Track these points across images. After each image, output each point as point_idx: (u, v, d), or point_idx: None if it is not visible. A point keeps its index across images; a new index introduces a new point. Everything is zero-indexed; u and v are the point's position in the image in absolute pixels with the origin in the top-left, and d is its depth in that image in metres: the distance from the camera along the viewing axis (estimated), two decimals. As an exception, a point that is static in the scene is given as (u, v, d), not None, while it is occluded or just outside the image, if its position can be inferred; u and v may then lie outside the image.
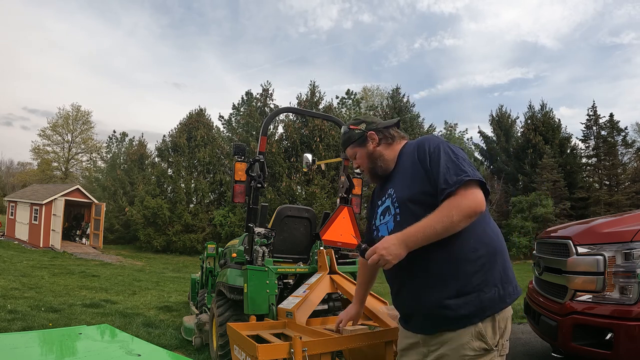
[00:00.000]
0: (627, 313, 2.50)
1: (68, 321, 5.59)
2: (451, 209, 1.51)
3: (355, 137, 1.91)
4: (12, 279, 9.25)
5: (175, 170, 23.76)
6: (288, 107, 13.90)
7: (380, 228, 1.84)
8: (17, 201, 22.40)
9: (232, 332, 2.43)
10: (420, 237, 1.52)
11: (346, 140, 1.95)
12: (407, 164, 1.76)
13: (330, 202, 19.13)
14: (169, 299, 8.27)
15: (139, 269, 14.69)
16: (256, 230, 3.73)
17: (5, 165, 58.16)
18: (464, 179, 1.53)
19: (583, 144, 24.37)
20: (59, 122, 38.47)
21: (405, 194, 1.69)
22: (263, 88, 25.91)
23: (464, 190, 1.53)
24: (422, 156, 1.68)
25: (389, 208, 1.78)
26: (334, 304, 3.64)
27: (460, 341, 1.55)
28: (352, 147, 1.93)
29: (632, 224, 2.79)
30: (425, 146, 1.69)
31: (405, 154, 1.82)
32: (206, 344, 4.47)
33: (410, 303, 1.72)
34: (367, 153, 1.88)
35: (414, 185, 1.67)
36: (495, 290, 1.57)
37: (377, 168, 1.87)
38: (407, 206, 1.67)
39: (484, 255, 1.59)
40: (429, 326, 1.65)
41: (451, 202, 1.53)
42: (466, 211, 1.50)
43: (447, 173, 1.57)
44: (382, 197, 1.87)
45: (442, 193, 1.55)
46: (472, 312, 1.54)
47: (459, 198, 1.52)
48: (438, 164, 1.60)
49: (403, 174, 1.76)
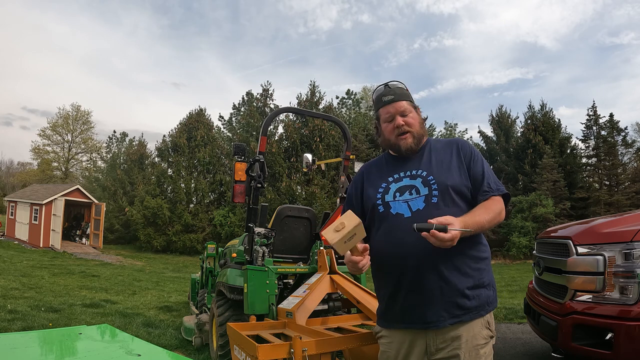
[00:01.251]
0: (627, 313, 2.50)
1: (68, 321, 5.59)
2: (497, 212, 1.69)
3: (411, 98, 1.87)
4: (12, 279, 9.25)
5: (175, 170, 23.76)
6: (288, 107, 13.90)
7: (393, 204, 1.73)
8: (17, 201, 22.41)
9: (232, 332, 2.43)
10: (474, 226, 1.59)
11: (406, 95, 1.84)
12: (446, 155, 1.81)
13: (330, 202, 19.13)
14: (169, 299, 8.27)
15: (139, 269, 14.69)
16: (256, 230, 3.73)
17: (5, 165, 58.21)
18: (503, 191, 1.75)
19: (583, 144, 24.35)
20: (59, 122, 38.52)
21: (448, 181, 1.72)
22: (263, 88, 25.94)
23: (501, 200, 1.74)
24: (467, 154, 1.80)
25: (415, 187, 1.73)
26: (334, 304, 3.63)
27: (474, 331, 1.65)
28: (409, 104, 1.83)
29: (632, 224, 2.79)
30: (468, 146, 1.83)
31: (435, 146, 1.86)
32: (206, 344, 4.47)
33: (431, 293, 1.63)
34: (421, 120, 1.86)
35: (456, 175, 1.75)
36: (492, 289, 1.75)
37: (422, 139, 1.84)
38: (450, 193, 1.70)
39: (488, 258, 1.77)
40: (446, 317, 1.62)
41: (497, 207, 1.70)
42: (502, 218, 1.72)
43: (490, 178, 1.75)
44: (395, 175, 1.81)
45: (484, 193, 1.72)
46: (481, 305, 1.67)
47: (501, 206, 1.72)
48: (482, 167, 1.77)
49: (441, 162, 1.78)
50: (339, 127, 4.69)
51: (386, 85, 1.87)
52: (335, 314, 3.55)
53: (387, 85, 1.87)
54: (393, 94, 1.82)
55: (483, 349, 1.65)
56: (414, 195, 1.71)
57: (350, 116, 28.33)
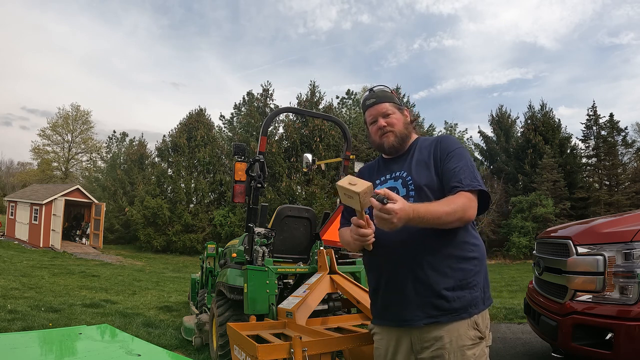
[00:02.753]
0: (627, 313, 2.50)
1: (68, 321, 5.59)
2: (460, 205, 1.60)
3: (396, 101, 1.89)
4: (12, 279, 9.25)
5: (175, 170, 23.76)
6: (288, 107, 13.90)
7: None
8: (17, 201, 22.41)
9: (232, 332, 2.43)
10: (425, 218, 1.53)
11: (389, 97, 1.89)
12: (425, 154, 1.80)
13: (330, 202, 19.13)
14: (169, 299, 8.27)
15: (139, 269, 14.69)
16: (256, 230, 3.73)
17: (5, 165, 58.20)
18: (477, 187, 1.65)
19: (583, 144, 24.38)
20: (59, 122, 38.50)
21: (423, 180, 1.73)
22: (263, 88, 25.97)
23: (471, 196, 1.64)
24: (442, 151, 1.76)
25: (396, 189, 1.77)
26: (334, 304, 3.63)
27: (458, 332, 1.61)
28: (392, 105, 1.87)
29: (632, 224, 2.79)
30: (447, 143, 1.79)
31: (422, 145, 1.86)
32: (206, 344, 4.47)
33: (405, 292, 1.66)
34: (405, 121, 1.88)
35: (430, 174, 1.74)
36: (481, 291, 1.68)
37: (406, 139, 1.87)
38: (425, 192, 1.70)
39: (477, 258, 1.70)
40: (421, 317, 1.63)
41: (460, 201, 1.61)
42: (466, 216, 1.61)
43: (463, 174, 1.67)
44: (382, 177, 1.87)
45: (453, 189, 1.65)
46: (463, 306, 1.62)
47: (467, 201, 1.62)
48: (458, 163, 1.71)
49: (419, 162, 1.79)
50: (339, 127, 4.69)
51: (370, 90, 1.94)
52: (335, 314, 3.55)
53: (372, 89, 1.94)
54: (375, 97, 1.89)
55: (471, 350, 1.61)
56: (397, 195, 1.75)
57: (350, 116, 28.33)
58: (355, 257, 4.22)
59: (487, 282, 1.73)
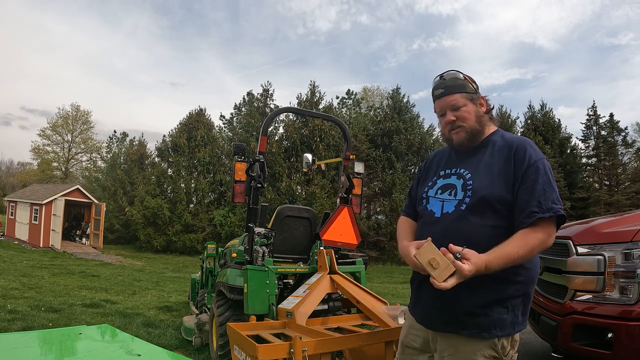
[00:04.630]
0: (627, 313, 2.50)
1: (68, 321, 5.58)
2: (535, 247, 1.47)
3: (469, 90, 1.68)
4: (12, 279, 9.25)
5: (175, 170, 23.75)
6: (288, 107, 13.90)
7: (432, 201, 1.71)
8: (17, 201, 22.41)
9: (232, 332, 2.43)
10: (500, 264, 1.44)
11: (459, 86, 1.68)
12: (497, 157, 1.61)
13: (330, 202, 19.12)
14: (169, 299, 8.27)
15: (139, 269, 14.68)
16: (256, 230, 3.73)
17: (5, 165, 58.22)
18: (558, 212, 1.50)
19: (583, 144, 24.40)
20: (59, 122, 38.51)
21: (484, 190, 1.57)
22: (263, 88, 25.93)
23: (550, 225, 1.50)
24: (520, 161, 1.56)
25: (455, 188, 1.65)
26: (334, 304, 3.64)
27: (472, 347, 1.55)
28: (462, 96, 1.67)
29: (632, 224, 2.79)
30: (527, 152, 1.57)
31: (496, 143, 1.66)
32: (206, 344, 4.47)
33: (428, 295, 1.64)
34: (478, 113, 1.68)
35: (498, 184, 1.56)
36: (512, 314, 1.56)
37: (479, 134, 1.68)
38: (481, 203, 1.56)
39: (522, 281, 1.57)
40: (437, 323, 1.63)
41: (538, 238, 1.47)
42: (543, 248, 1.50)
43: (543, 196, 1.50)
44: (447, 169, 1.73)
45: (530, 215, 1.48)
46: (487, 325, 1.53)
47: (544, 237, 1.48)
48: (536, 181, 1.52)
49: (488, 165, 1.61)
50: (339, 127, 4.69)
51: (440, 76, 1.74)
52: (335, 314, 3.55)
53: (442, 76, 1.74)
54: (444, 86, 1.70)
55: None
56: (450, 197, 1.65)
57: (351, 116, 28.29)
58: (355, 257, 4.22)
59: (526, 307, 1.59)
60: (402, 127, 22.84)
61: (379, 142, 22.85)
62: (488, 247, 1.48)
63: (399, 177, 21.27)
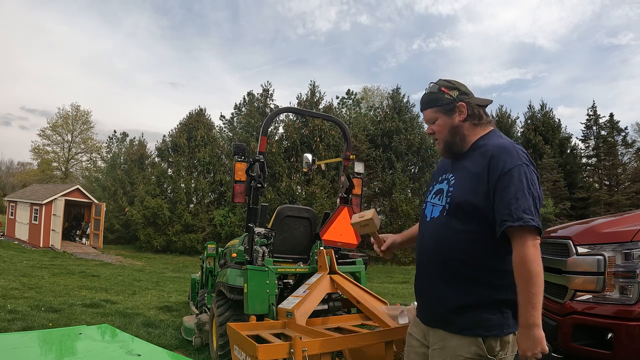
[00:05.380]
0: (627, 313, 2.50)
1: (68, 321, 5.58)
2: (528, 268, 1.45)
3: (442, 101, 1.69)
4: (12, 279, 9.25)
5: (175, 170, 23.75)
6: (288, 107, 13.89)
7: (427, 205, 1.79)
8: (17, 201, 22.41)
9: (232, 332, 2.43)
10: (533, 311, 1.44)
11: (431, 101, 1.72)
12: (476, 165, 1.61)
13: (330, 202, 19.12)
14: (169, 299, 8.27)
15: (139, 269, 14.68)
16: (256, 230, 3.73)
17: (5, 165, 58.21)
18: (528, 223, 1.44)
19: (583, 144, 24.38)
20: (59, 122, 38.50)
21: (458, 197, 1.61)
22: (263, 88, 25.93)
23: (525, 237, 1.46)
24: (494, 169, 1.53)
25: (442, 193, 1.71)
26: (334, 304, 3.64)
27: (456, 343, 1.60)
28: (434, 111, 1.71)
29: (632, 224, 2.79)
30: (502, 160, 1.53)
31: (481, 149, 1.64)
32: (206, 344, 4.47)
33: (423, 291, 1.78)
34: (451, 125, 1.69)
35: (470, 193, 1.58)
36: (503, 317, 1.57)
37: (454, 145, 1.70)
38: (457, 209, 1.61)
39: (508, 286, 1.55)
40: (428, 318, 1.73)
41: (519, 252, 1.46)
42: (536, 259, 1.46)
43: (515, 205, 1.46)
44: (443, 174, 1.77)
45: (501, 224, 1.47)
46: (469, 324, 1.56)
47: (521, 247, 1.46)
48: (508, 189, 1.49)
49: (467, 172, 1.63)
50: (339, 127, 4.69)
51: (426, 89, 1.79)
52: (335, 314, 3.55)
53: (426, 89, 1.78)
54: (421, 102, 1.78)
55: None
56: (439, 202, 1.71)
57: (351, 116, 28.29)
58: (355, 257, 4.22)
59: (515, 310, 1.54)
60: (402, 127, 22.84)
61: (379, 142, 22.84)
62: (467, 251, 1.57)
63: (399, 177, 21.27)
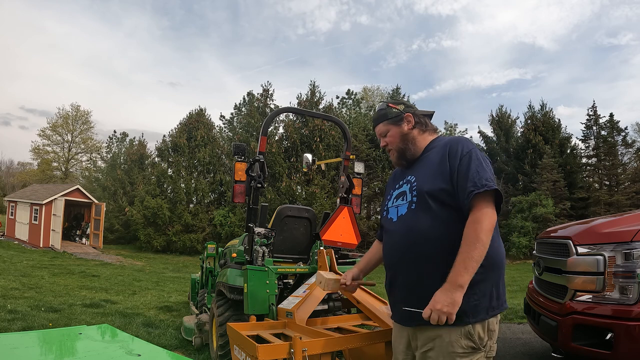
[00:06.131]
0: (627, 313, 2.50)
1: (68, 321, 5.58)
2: (485, 219, 1.58)
3: (391, 115, 1.92)
4: (12, 279, 9.25)
5: (175, 170, 23.74)
6: (288, 107, 13.90)
7: (390, 210, 1.88)
8: (17, 201, 22.39)
9: (232, 332, 2.43)
10: (465, 273, 1.53)
11: (381, 116, 1.95)
12: (435, 158, 1.78)
13: (330, 202, 19.13)
14: (169, 299, 8.27)
15: (139, 269, 14.68)
16: (256, 230, 3.73)
17: (5, 165, 58.20)
18: (492, 187, 1.62)
19: (583, 144, 24.36)
20: (59, 122, 38.47)
21: (425, 186, 1.72)
22: (263, 88, 25.93)
23: (485, 201, 1.61)
24: (452, 155, 1.72)
25: (405, 193, 1.81)
26: (334, 304, 3.63)
27: (449, 338, 1.62)
28: (385, 124, 1.94)
29: (632, 224, 2.79)
30: (458, 146, 1.74)
31: (435, 147, 1.84)
32: (206, 344, 4.47)
33: (400, 291, 1.78)
34: (401, 133, 1.90)
35: (436, 180, 1.71)
36: (485, 299, 1.64)
37: (407, 150, 1.89)
38: (425, 198, 1.71)
39: (485, 266, 1.60)
40: (407, 318, 1.72)
41: (482, 213, 1.59)
42: (489, 228, 1.59)
43: (477, 176, 1.64)
44: (400, 181, 1.91)
45: (469, 194, 1.61)
46: (459, 314, 1.57)
47: (486, 209, 1.60)
48: (469, 167, 1.66)
49: (428, 166, 1.79)
50: (339, 127, 4.69)
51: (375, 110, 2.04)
52: (335, 314, 3.55)
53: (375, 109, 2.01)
54: (373, 119, 2.03)
55: (462, 358, 1.60)
56: (403, 201, 1.82)
57: (351, 116, 28.29)
58: (355, 257, 4.22)
59: (498, 290, 1.67)
60: (402, 127, 22.79)
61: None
62: (440, 237, 1.64)
63: (399, 177, 21.23)
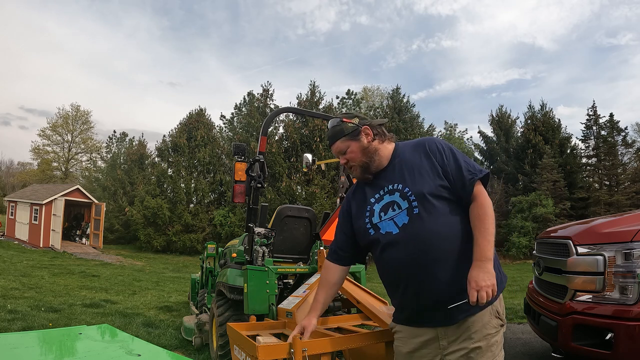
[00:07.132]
0: (627, 313, 2.50)
1: (68, 321, 5.59)
2: (488, 203, 1.69)
3: (348, 130, 1.85)
4: (12, 279, 9.25)
5: (175, 170, 23.75)
6: (288, 107, 13.90)
7: (382, 224, 1.78)
8: (17, 201, 22.40)
9: (232, 332, 2.43)
10: (489, 246, 1.63)
11: (337, 133, 1.87)
12: (416, 160, 1.78)
13: (330, 202, 19.13)
14: (169, 299, 8.27)
15: (139, 269, 14.68)
16: (256, 230, 3.73)
17: (5, 165, 58.20)
18: (486, 172, 1.74)
19: (583, 144, 24.38)
20: (59, 122, 38.46)
21: (425, 188, 1.70)
22: (263, 88, 25.94)
23: (480, 186, 1.73)
24: (436, 153, 1.76)
25: (396, 203, 1.75)
26: (334, 304, 3.62)
27: (483, 321, 1.68)
28: (343, 140, 1.86)
29: (632, 224, 2.79)
30: (436, 145, 1.79)
31: (406, 152, 1.84)
32: (206, 344, 4.47)
33: (430, 296, 1.69)
34: (362, 147, 1.84)
35: (430, 180, 1.72)
36: (498, 274, 1.68)
37: (371, 163, 1.84)
38: (429, 200, 1.68)
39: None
40: (454, 315, 1.67)
41: (484, 197, 1.70)
42: (491, 205, 1.71)
43: (469, 165, 1.74)
44: (376, 195, 1.83)
45: (470, 182, 1.70)
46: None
47: (484, 199, 1.70)
48: (456, 159, 1.74)
49: (415, 169, 1.76)
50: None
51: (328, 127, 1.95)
52: (335, 314, 3.54)
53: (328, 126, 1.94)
54: (328, 137, 1.94)
55: (494, 337, 1.69)
56: (397, 211, 1.74)
57: (351, 116, 28.27)
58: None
59: (498, 264, 1.74)
60: (402, 127, 22.86)
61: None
62: (458, 231, 1.68)
63: (399, 177, 21.25)
